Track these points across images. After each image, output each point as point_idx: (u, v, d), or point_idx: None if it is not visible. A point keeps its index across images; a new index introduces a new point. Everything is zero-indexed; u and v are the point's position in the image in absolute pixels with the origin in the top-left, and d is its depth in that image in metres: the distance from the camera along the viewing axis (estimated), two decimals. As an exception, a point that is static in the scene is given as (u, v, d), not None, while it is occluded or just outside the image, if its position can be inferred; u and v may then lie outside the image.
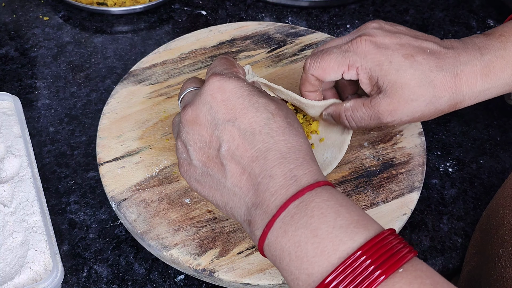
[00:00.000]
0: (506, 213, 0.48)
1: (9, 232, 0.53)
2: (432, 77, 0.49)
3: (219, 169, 0.42)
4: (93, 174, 0.61)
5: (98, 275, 0.54)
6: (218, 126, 0.42)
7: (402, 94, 0.49)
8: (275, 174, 0.39)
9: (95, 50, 0.75)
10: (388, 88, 0.49)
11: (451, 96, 0.50)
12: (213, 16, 0.81)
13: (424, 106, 0.50)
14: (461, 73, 0.49)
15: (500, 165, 0.64)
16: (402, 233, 0.57)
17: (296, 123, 0.43)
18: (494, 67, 0.50)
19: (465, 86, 0.49)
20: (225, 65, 0.46)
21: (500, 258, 0.46)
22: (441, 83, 0.49)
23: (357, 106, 0.52)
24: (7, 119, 0.62)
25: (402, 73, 0.49)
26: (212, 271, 0.49)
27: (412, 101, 0.49)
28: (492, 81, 0.50)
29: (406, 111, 0.50)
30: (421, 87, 0.49)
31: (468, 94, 0.50)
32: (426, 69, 0.49)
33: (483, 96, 0.51)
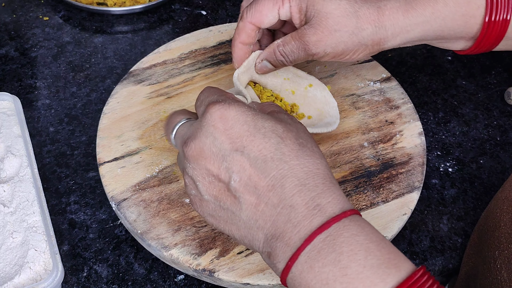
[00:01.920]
0: (503, 216, 0.48)
1: (9, 232, 0.53)
2: (356, 8, 0.50)
3: (233, 202, 0.39)
4: (93, 174, 0.61)
5: (98, 275, 0.54)
6: (225, 158, 0.39)
7: (327, 24, 0.50)
8: (296, 204, 0.37)
9: (95, 50, 0.75)
10: (314, 18, 0.50)
11: (374, 30, 0.51)
12: (213, 16, 0.81)
13: (347, 37, 0.50)
14: (384, 7, 0.50)
15: (500, 165, 0.64)
16: (402, 233, 0.57)
17: (310, 142, 0.40)
18: (417, 4, 0.51)
19: (387, 20, 0.50)
20: (217, 93, 0.43)
21: (496, 261, 0.46)
22: (364, 15, 0.50)
23: (287, 40, 0.53)
24: (7, 119, 0.61)
25: (328, 3, 0.50)
26: (212, 271, 0.49)
27: (336, 31, 0.50)
28: (413, 17, 0.51)
29: (330, 42, 0.51)
30: (345, 17, 0.50)
31: (390, 29, 0.51)
32: (351, 0, 0.50)
33: (405, 34, 0.51)
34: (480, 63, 0.75)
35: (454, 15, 0.51)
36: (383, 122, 0.61)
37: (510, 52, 0.77)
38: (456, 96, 0.71)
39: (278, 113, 0.43)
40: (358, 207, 0.53)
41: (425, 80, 0.73)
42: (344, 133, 0.59)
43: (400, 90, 0.64)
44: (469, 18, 0.51)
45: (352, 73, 0.66)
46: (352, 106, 0.62)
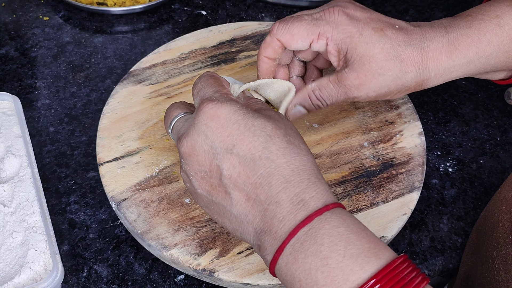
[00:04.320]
0: (501, 216, 0.48)
1: (9, 232, 0.53)
2: (400, 51, 0.49)
3: (224, 197, 0.41)
4: (93, 174, 0.61)
5: (98, 275, 0.54)
6: (216, 155, 0.41)
7: (370, 68, 0.49)
8: (281, 200, 0.39)
9: (95, 50, 0.75)
10: (356, 61, 0.49)
11: (418, 72, 0.50)
12: (213, 16, 0.81)
13: (391, 81, 0.49)
14: (428, 48, 0.49)
15: (500, 165, 0.64)
16: (402, 233, 0.57)
17: (297, 139, 0.42)
18: (460, 44, 0.50)
19: (431, 62, 0.50)
20: (213, 86, 0.45)
21: (494, 261, 0.46)
22: (408, 58, 0.49)
23: (324, 84, 0.51)
24: (7, 119, 0.61)
25: (371, 46, 0.48)
26: (212, 271, 0.49)
27: (379, 75, 0.49)
28: (457, 58, 0.50)
29: (373, 86, 0.50)
30: (389, 61, 0.49)
31: (434, 71, 0.50)
32: (394, 43, 0.49)
33: (449, 74, 0.51)
34: (480, 63, 0.75)
35: (497, 53, 0.51)
36: (383, 122, 0.61)
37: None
38: (456, 96, 0.71)
39: (266, 110, 0.44)
40: (358, 207, 0.53)
41: (425, 80, 0.73)
42: (344, 133, 0.59)
43: (400, 90, 0.64)
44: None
45: (352, 73, 0.66)
46: (352, 106, 0.62)
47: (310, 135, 0.59)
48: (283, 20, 0.51)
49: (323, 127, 0.60)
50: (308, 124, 0.60)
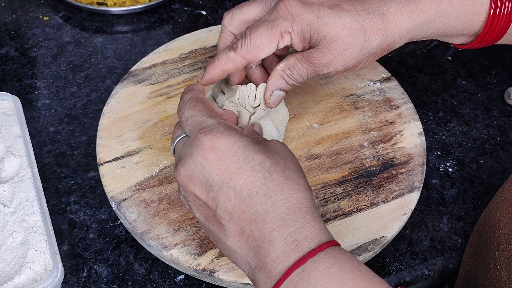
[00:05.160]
0: (502, 216, 0.48)
1: (9, 232, 0.53)
2: (361, 22, 0.48)
3: (219, 227, 0.41)
4: (93, 174, 0.61)
5: (98, 275, 0.54)
6: (212, 188, 0.40)
7: (335, 46, 0.48)
8: (275, 239, 0.38)
9: (95, 50, 0.75)
10: (321, 43, 0.48)
11: (382, 39, 0.49)
12: (213, 16, 0.81)
13: (357, 52, 0.49)
14: (388, 12, 0.49)
15: (500, 165, 0.64)
16: (402, 233, 0.57)
17: (296, 173, 0.41)
18: (421, 2, 0.49)
19: (393, 26, 0.49)
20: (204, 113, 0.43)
21: (496, 261, 0.46)
22: (370, 27, 0.48)
23: (292, 63, 0.50)
24: (7, 119, 0.61)
25: (331, 26, 0.48)
26: (212, 271, 0.49)
27: (345, 50, 0.49)
28: (418, 17, 0.49)
29: (341, 61, 0.49)
30: (352, 35, 0.48)
31: (397, 34, 0.49)
32: (354, 14, 0.48)
33: (411, 33, 0.50)
34: (480, 63, 0.75)
35: (458, 13, 0.50)
36: (383, 122, 0.61)
37: (510, 52, 0.77)
38: (456, 96, 0.71)
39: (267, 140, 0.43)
40: (358, 207, 0.53)
41: (425, 80, 0.73)
42: (344, 133, 0.59)
43: (400, 90, 0.64)
44: (473, 16, 0.50)
45: (352, 73, 0.66)
46: (352, 106, 0.62)
47: (310, 135, 0.59)
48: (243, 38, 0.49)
49: (323, 127, 0.60)
50: (308, 124, 0.60)
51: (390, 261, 0.55)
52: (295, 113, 0.60)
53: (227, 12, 0.52)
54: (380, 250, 0.52)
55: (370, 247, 0.50)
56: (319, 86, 0.64)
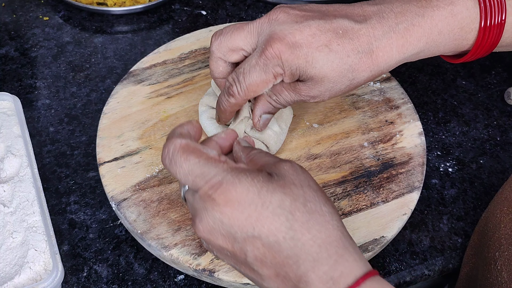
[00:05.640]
0: (503, 217, 0.47)
1: (9, 232, 0.53)
2: (350, 63, 0.48)
3: (252, 272, 0.40)
4: (93, 174, 0.61)
5: (98, 275, 0.54)
6: (237, 239, 0.39)
7: (323, 84, 0.49)
8: (311, 280, 0.38)
9: (95, 50, 0.75)
10: (309, 81, 0.49)
11: (370, 74, 0.49)
12: (213, 16, 0.81)
13: (345, 87, 0.49)
14: (377, 50, 0.48)
15: (500, 165, 0.64)
16: (402, 233, 0.57)
17: (318, 202, 0.40)
18: (411, 35, 0.49)
19: (382, 61, 0.49)
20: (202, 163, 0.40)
21: (496, 262, 0.46)
22: (359, 66, 0.48)
23: (279, 90, 0.51)
24: (7, 119, 0.61)
25: (320, 69, 0.48)
26: (212, 271, 0.49)
27: (333, 87, 0.49)
28: (408, 51, 0.49)
29: (328, 95, 0.50)
30: (340, 75, 0.48)
31: (386, 67, 0.49)
32: (343, 56, 0.47)
33: (398, 63, 0.50)
34: (480, 63, 0.75)
35: (448, 41, 0.50)
36: (383, 122, 0.61)
37: (510, 52, 0.77)
38: (456, 96, 0.71)
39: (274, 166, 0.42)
40: (358, 207, 0.53)
41: (425, 80, 0.73)
42: (344, 133, 0.59)
43: (400, 90, 0.64)
44: (462, 41, 0.50)
45: (352, 73, 0.66)
46: (352, 106, 0.62)
47: (310, 135, 0.59)
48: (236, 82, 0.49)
49: (323, 127, 0.60)
50: (308, 124, 0.60)
51: (390, 261, 0.55)
52: (295, 113, 0.60)
53: (215, 37, 0.51)
54: (380, 250, 0.52)
55: (370, 247, 0.50)
56: (319, 86, 0.64)
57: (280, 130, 0.56)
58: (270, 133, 0.55)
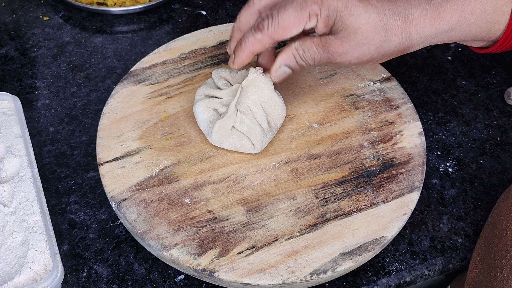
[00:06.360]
0: (509, 223, 0.47)
1: (9, 232, 0.53)
2: (385, 21, 0.49)
3: None
4: (93, 174, 0.61)
5: (98, 275, 0.54)
6: None
7: (355, 38, 0.49)
8: None
9: (95, 50, 0.75)
10: (342, 32, 0.49)
11: (401, 41, 0.50)
12: (213, 16, 0.81)
13: (374, 50, 0.50)
14: (412, 17, 0.49)
15: (500, 165, 0.64)
16: (402, 233, 0.57)
17: None
18: (444, 10, 0.49)
19: (414, 30, 0.49)
20: None
21: (503, 269, 0.46)
22: (393, 27, 0.49)
23: (308, 45, 0.51)
24: (7, 119, 0.61)
25: (356, 18, 0.48)
26: (212, 271, 0.49)
27: (363, 44, 0.49)
28: (440, 25, 0.50)
29: (356, 54, 0.50)
30: (374, 31, 0.49)
31: (416, 38, 0.50)
32: (380, 12, 0.49)
33: (430, 40, 0.51)
34: (480, 63, 0.75)
35: (479, 22, 0.50)
36: (383, 122, 0.61)
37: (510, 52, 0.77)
38: (456, 96, 0.71)
39: None
40: (358, 207, 0.53)
41: (425, 80, 0.73)
42: (344, 133, 0.59)
43: (400, 90, 0.64)
44: (494, 25, 0.51)
45: (352, 73, 0.66)
46: (352, 106, 0.62)
47: (310, 135, 0.59)
48: (269, 17, 0.49)
49: (323, 127, 0.60)
50: (308, 124, 0.60)
51: (390, 261, 0.55)
52: (295, 113, 0.60)
53: None
54: (380, 250, 0.52)
55: (370, 247, 0.50)
56: (319, 86, 0.64)
57: (268, 128, 0.56)
58: (258, 130, 0.55)
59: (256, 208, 0.53)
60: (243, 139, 0.55)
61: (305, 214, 0.53)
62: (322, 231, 0.51)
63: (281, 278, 0.48)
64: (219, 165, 0.56)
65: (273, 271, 0.49)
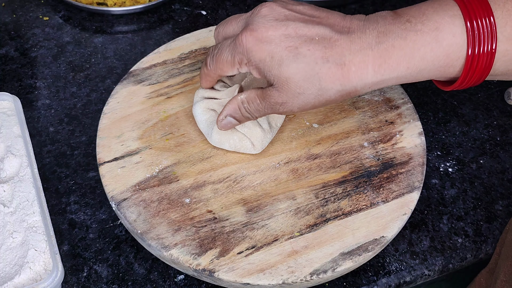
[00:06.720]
0: None
1: (9, 232, 0.53)
2: (317, 70, 0.47)
3: None
4: (93, 174, 0.61)
5: (98, 275, 0.54)
6: None
7: (289, 88, 0.48)
8: None
9: (95, 50, 0.75)
10: (276, 82, 0.48)
11: (340, 87, 0.47)
12: (213, 16, 0.81)
13: (313, 98, 0.48)
14: (350, 63, 0.46)
15: (500, 165, 0.64)
16: (402, 233, 0.57)
17: None
18: (390, 57, 0.46)
19: (354, 77, 0.47)
20: None
21: None
22: (326, 75, 0.47)
23: (252, 98, 0.51)
24: (7, 119, 0.62)
25: (285, 68, 0.47)
26: (212, 271, 0.49)
27: (300, 94, 0.48)
28: (386, 73, 0.47)
29: (296, 104, 0.49)
30: (306, 81, 0.47)
31: (360, 85, 0.48)
32: (310, 61, 0.47)
33: (377, 86, 0.49)
34: (480, 63, 0.75)
35: (431, 68, 0.47)
36: (383, 122, 0.61)
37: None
38: (456, 96, 0.71)
39: None
40: (358, 207, 0.53)
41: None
42: (344, 133, 0.59)
43: (400, 90, 0.64)
44: (448, 68, 0.48)
45: (352, 73, 0.66)
46: (352, 106, 0.62)
47: (310, 135, 0.59)
48: (210, 54, 0.52)
49: (323, 127, 0.60)
50: (308, 124, 0.60)
51: (390, 261, 0.55)
52: (295, 113, 0.61)
53: (217, 26, 0.54)
54: (380, 250, 0.52)
55: (370, 247, 0.50)
56: (319, 86, 0.64)
57: (269, 128, 0.56)
58: (258, 130, 0.55)
59: (256, 208, 0.53)
60: (243, 139, 0.55)
61: (305, 214, 0.53)
62: (322, 231, 0.51)
63: (281, 278, 0.48)
64: (219, 165, 0.56)
65: (273, 271, 0.49)
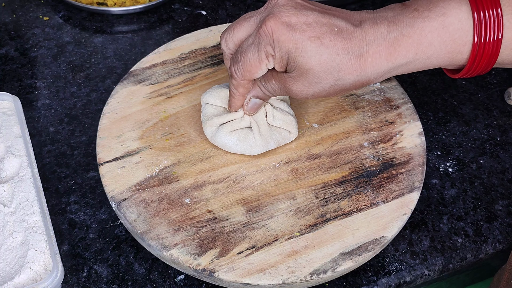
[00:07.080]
0: None
1: (9, 232, 0.53)
2: (338, 61, 0.48)
3: None
4: (93, 174, 0.61)
5: (98, 275, 0.54)
6: None
7: (307, 78, 0.49)
8: None
9: (95, 50, 0.75)
10: (295, 72, 0.49)
11: (356, 78, 0.49)
12: (213, 16, 0.81)
13: (329, 87, 0.49)
14: (367, 54, 0.48)
15: (500, 165, 0.64)
16: (402, 233, 0.57)
17: None
18: (400, 45, 0.48)
19: (369, 67, 0.49)
20: None
21: None
22: (346, 67, 0.48)
23: (268, 78, 0.52)
24: (7, 119, 0.62)
25: (307, 59, 0.48)
26: (212, 271, 0.49)
27: (316, 83, 0.49)
28: (396, 60, 0.49)
29: (311, 92, 0.50)
30: (326, 72, 0.48)
31: (373, 74, 0.49)
32: (332, 52, 0.48)
33: (388, 75, 0.50)
34: (480, 63, 0.75)
35: (439, 54, 0.49)
36: (383, 122, 0.61)
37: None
38: (456, 96, 0.71)
39: None
40: (358, 207, 0.53)
41: (425, 80, 0.73)
42: (344, 133, 0.59)
43: (400, 90, 0.64)
44: (456, 55, 0.49)
45: (352, 73, 0.66)
46: (352, 106, 0.62)
47: (310, 135, 0.59)
48: (233, 62, 0.51)
49: (323, 127, 0.60)
50: (308, 124, 0.60)
51: (390, 261, 0.55)
52: (295, 113, 0.61)
53: (221, 36, 0.53)
54: (380, 250, 0.52)
55: (370, 247, 0.50)
56: (319, 86, 0.64)
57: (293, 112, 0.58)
58: (291, 118, 0.57)
59: (256, 208, 0.53)
60: (281, 132, 0.57)
61: (305, 214, 0.53)
62: (322, 231, 0.51)
63: (281, 278, 0.48)
64: (219, 165, 0.56)
65: (273, 271, 0.49)
